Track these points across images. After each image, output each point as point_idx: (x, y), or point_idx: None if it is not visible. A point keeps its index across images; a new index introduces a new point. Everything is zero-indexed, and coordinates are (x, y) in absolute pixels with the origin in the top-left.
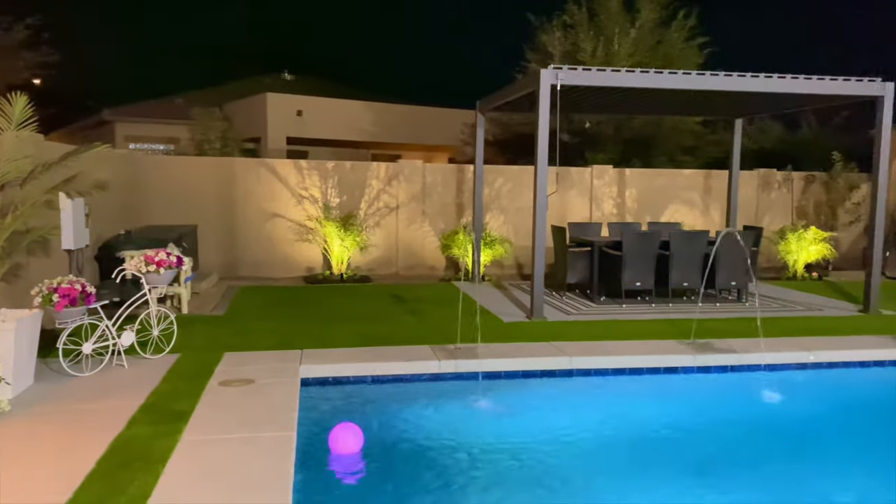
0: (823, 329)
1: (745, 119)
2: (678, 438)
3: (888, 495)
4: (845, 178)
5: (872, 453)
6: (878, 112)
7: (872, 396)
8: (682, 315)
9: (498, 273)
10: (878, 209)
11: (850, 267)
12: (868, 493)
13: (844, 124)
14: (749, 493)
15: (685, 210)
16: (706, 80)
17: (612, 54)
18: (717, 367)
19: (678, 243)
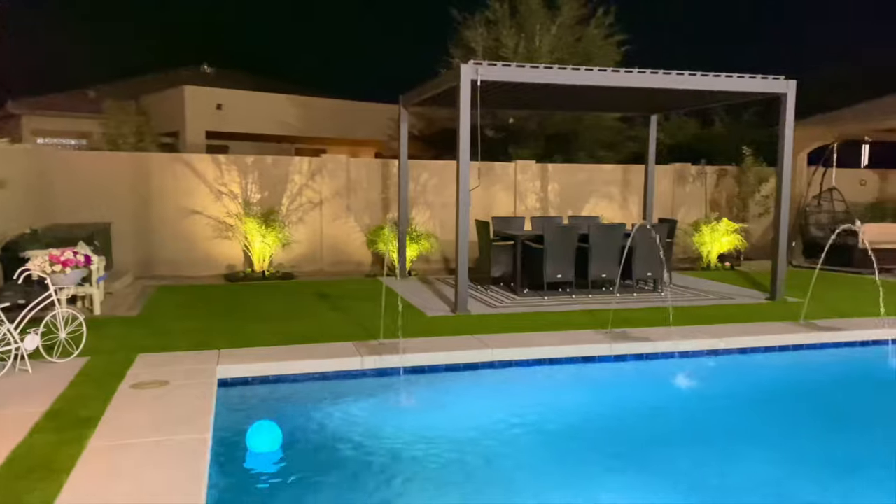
0: (733, 316)
1: (661, 115)
2: (595, 425)
3: (791, 469)
4: (755, 172)
5: (777, 432)
6: (783, 108)
7: (777, 379)
8: (601, 306)
9: (424, 268)
10: (783, 201)
11: (760, 256)
12: (775, 469)
13: (754, 120)
14: (662, 475)
15: (605, 204)
16: (621, 76)
17: (533, 51)
18: (632, 356)
19: (597, 236)
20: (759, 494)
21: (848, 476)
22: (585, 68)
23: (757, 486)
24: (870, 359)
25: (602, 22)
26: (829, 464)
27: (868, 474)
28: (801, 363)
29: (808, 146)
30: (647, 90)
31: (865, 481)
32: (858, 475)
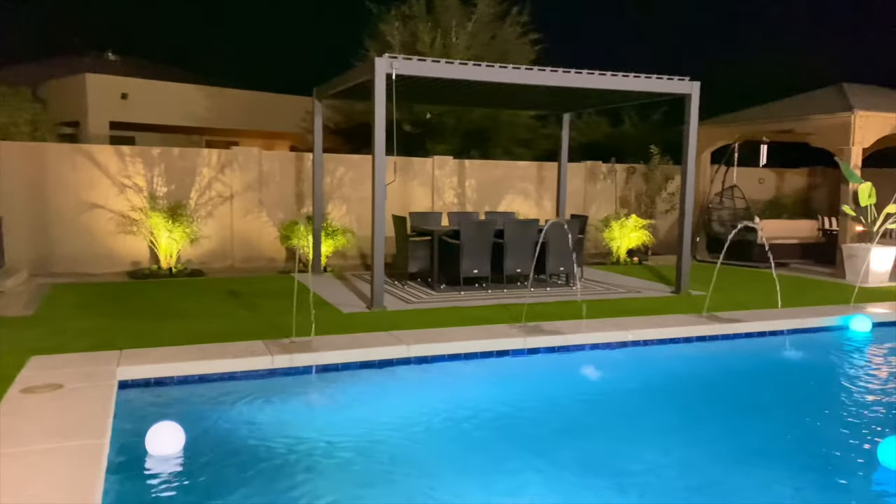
0: (641, 309)
1: (573, 114)
2: (509, 418)
3: (695, 453)
4: (662, 170)
5: (682, 420)
6: (687, 109)
7: (682, 369)
8: (516, 300)
9: (341, 264)
10: (687, 198)
11: (666, 251)
12: (683, 453)
13: (662, 120)
14: (573, 465)
15: (521, 200)
16: (534, 74)
17: (450, 46)
18: (545, 349)
19: (512, 232)
20: (665, 479)
21: (750, 459)
22: (500, 65)
23: (663, 472)
24: (767, 348)
25: (517, 20)
26: (732, 448)
27: (768, 457)
28: (704, 354)
29: (711, 146)
30: (559, 89)
31: (766, 464)
32: (759, 458)
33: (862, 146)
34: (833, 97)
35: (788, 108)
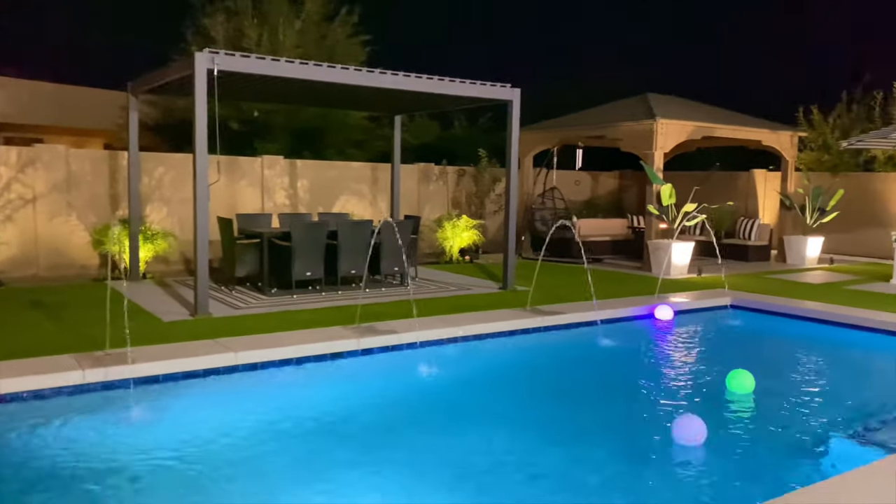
0: (471, 306)
1: (405, 116)
2: (342, 421)
3: (525, 440)
4: (490, 173)
5: (511, 409)
6: (509, 114)
7: (508, 361)
8: (350, 301)
9: (162, 269)
10: (512, 199)
11: (495, 250)
12: (512, 443)
13: (489, 124)
14: (410, 462)
15: (355, 201)
16: (361, 75)
17: (277, 44)
18: (379, 349)
19: (345, 233)
20: (500, 469)
21: (572, 441)
22: (328, 65)
23: (500, 459)
24: (584, 337)
25: (347, 21)
26: (557, 432)
27: (589, 439)
28: (528, 345)
29: (533, 150)
30: (388, 91)
31: (589, 445)
32: (582, 440)
33: (664, 151)
34: (638, 106)
35: (600, 115)
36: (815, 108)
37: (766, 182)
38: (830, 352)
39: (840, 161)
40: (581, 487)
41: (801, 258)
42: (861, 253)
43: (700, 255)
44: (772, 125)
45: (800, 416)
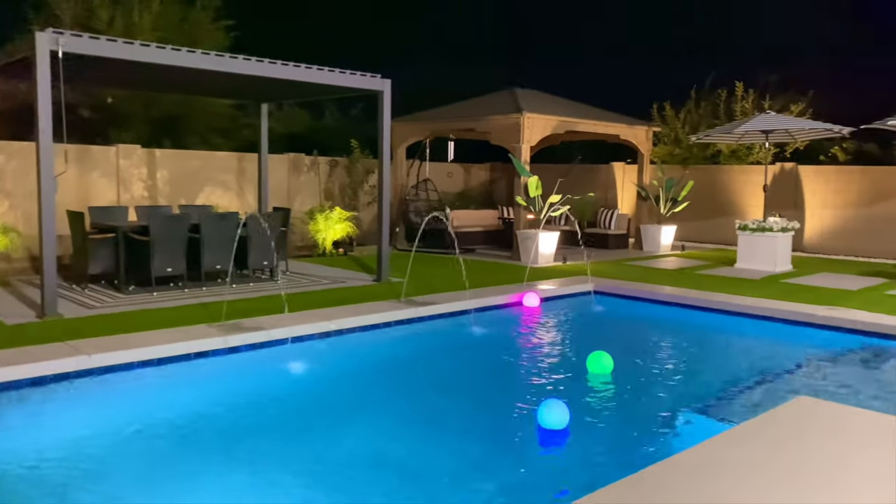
0: (344, 299)
1: (273, 104)
2: (207, 423)
3: (399, 431)
4: (363, 164)
5: (387, 400)
6: (381, 105)
7: (384, 353)
8: (216, 298)
9: (4, 268)
10: (385, 191)
11: (370, 242)
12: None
13: (361, 115)
14: (278, 463)
15: (221, 192)
16: (222, 61)
17: (132, 26)
18: (246, 346)
19: (209, 226)
20: (363, 462)
21: (448, 429)
22: (187, 49)
23: (376, 451)
24: (458, 326)
25: (209, 4)
26: (434, 421)
27: (459, 426)
28: (403, 336)
29: (406, 141)
30: (252, 78)
31: (459, 432)
32: (453, 427)
33: (530, 144)
34: (506, 100)
35: (471, 108)
36: (667, 105)
37: (625, 174)
38: (682, 332)
39: (690, 154)
40: (452, 472)
41: (656, 245)
42: (709, 240)
43: (565, 243)
44: (628, 120)
45: (654, 393)
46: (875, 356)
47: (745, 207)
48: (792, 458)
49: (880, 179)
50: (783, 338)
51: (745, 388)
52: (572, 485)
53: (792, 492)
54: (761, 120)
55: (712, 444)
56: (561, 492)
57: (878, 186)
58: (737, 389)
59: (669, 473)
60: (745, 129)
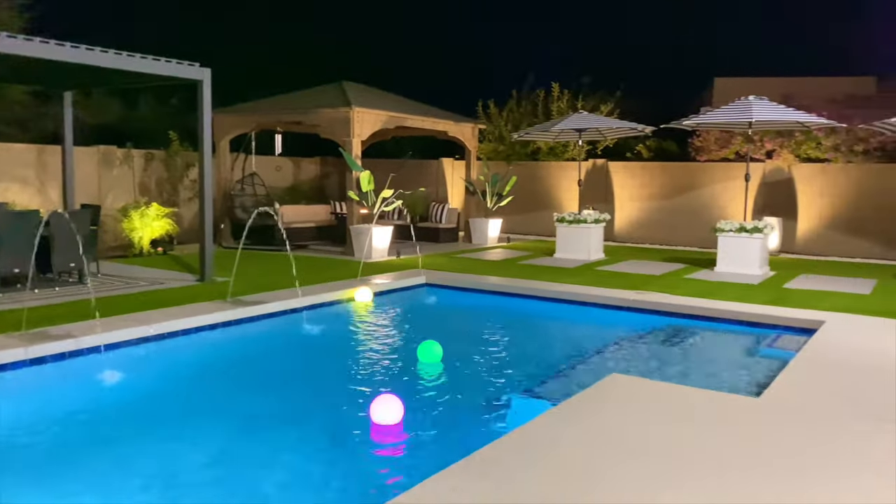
0: (165, 301)
1: (78, 92)
2: (11, 444)
3: (233, 435)
4: (183, 157)
5: (214, 405)
6: (200, 95)
7: (210, 356)
8: (15, 305)
9: None
10: (206, 185)
11: (192, 240)
12: (216, 439)
13: (180, 105)
14: (82, 484)
15: (18, 188)
16: (15, 44)
17: None
18: (53, 356)
19: (4, 226)
20: (190, 471)
21: (278, 431)
22: None
23: (186, 463)
24: (289, 325)
25: None
26: (263, 425)
27: (290, 427)
28: (231, 338)
29: (229, 133)
30: (54, 63)
31: (289, 433)
32: (284, 429)
33: (361, 138)
34: (335, 93)
35: (299, 101)
36: (492, 103)
37: (454, 170)
38: (508, 319)
39: (513, 151)
40: (284, 474)
41: (484, 238)
42: (532, 232)
43: (398, 238)
44: (456, 117)
45: (484, 378)
46: (676, 334)
47: (562, 201)
48: (609, 431)
49: (678, 174)
50: (598, 321)
51: (567, 369)
52: (407, 474)
53: (610, 462)
54: (575, 119)
55: (538, 422)
56: (390, 484)
57: (677, 181)
58: (559, 371)
59: (499, 454)
60: (561, 127)
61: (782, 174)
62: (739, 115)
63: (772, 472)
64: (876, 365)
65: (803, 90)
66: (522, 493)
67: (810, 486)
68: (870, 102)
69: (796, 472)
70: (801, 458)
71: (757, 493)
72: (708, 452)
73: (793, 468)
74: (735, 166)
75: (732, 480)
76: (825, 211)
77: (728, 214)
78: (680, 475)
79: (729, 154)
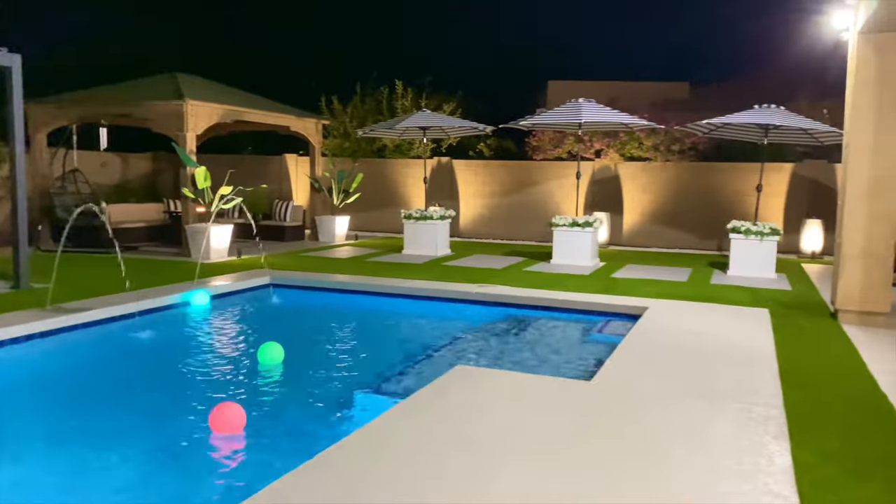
0: None
1: None
2: None
3: (38, 455)
4: None
5: (24, 428)
6: (9, 83)
7: (26, 370)
8: None
9: None
10: (19, 183)
11: (4, 243)
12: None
13: None
14: None
15: None
16: None
17: None
18: None
19: None
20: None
21: (109, 447)
22: None
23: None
24: (118, 333)
25: None
26: (90, 441)
27: (120, 443)
28: (50, 349)
29: (47, 126)
30: None
31: (118, 450)
32: (113, 445)
33: (195, 133)
34: (168, 85)
35: (128, 92)
36: (335, 99)
37: (298, 166)
38: (356, 317)
39: (358, 148)
40: (117, 495)
41: (331, 236)
42: (380, 229)
43: (240, 237)
44: (298, 112)
45: (330, 378)
46: (518, 324)
47: (409, 198)
48: (453, 421)
49: (517, 172)
50: (445, 315)
51: (415, 364)
52: (251, 482)
53: (453, 451)
54: (419, 117)
55: (384, 418)
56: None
57: (515, 178)
58: (406, 366)
59: (344, 453)
60: (406, 125)
61: (609, 172)
62: (570, 116)
63: (604, 451)
64: (694, 346)
65: (627, 93)
66: (368, 489)
67: (641, 463)
68: (684, 105)
69: (628, 450)
70: (631, 436)
71: (589, 473)
72: (546, 436)
73: (624, 447)
74: (568, 165)
75: (566, 462)
76: (647, 206)
77: (563, 210)
78: (516, 460)
79: (562, 153)
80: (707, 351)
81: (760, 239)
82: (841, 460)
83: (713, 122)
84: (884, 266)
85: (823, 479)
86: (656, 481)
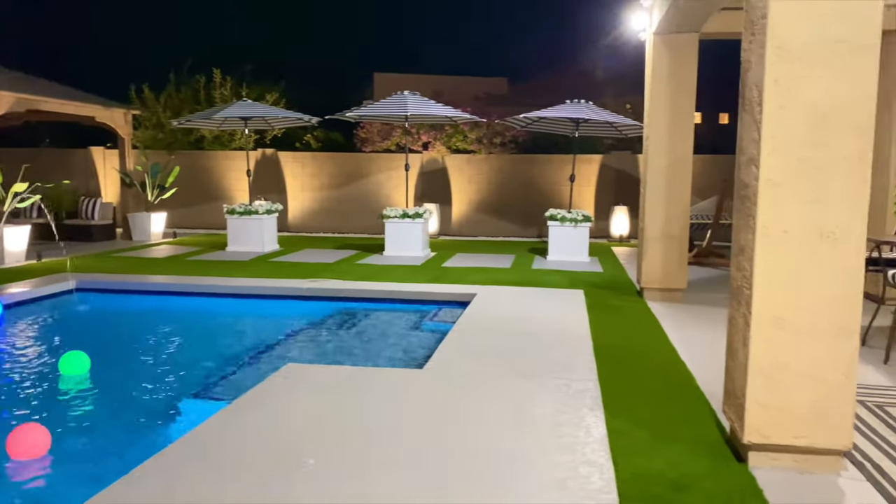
0: None
1: None
2: None
3: None
4: None
5: None
6: None
7: None
8: None
9: None
10: None
11: None
12: None
13: None
14: None
15: None
16: None
17: None
18: None
19: None
20: None
21: None
22: None
23: None
24: None
25: None
26: None
27: None
28: None
29: None
30: None
31: None
32: None
33: None
34: None
35: None
36: (146, 88)
37: (106, 160)
38: (175, 320)
39: (174, 139)
40: None
41: (146, 234)
42: (201, 225)
43: (39, 238)
44: (104, 102)
45: (144, 387)
46: (350, 317)
47: (232, 192)
48: (283, 420)
49: (346, 164)
50: (275, 312)
51: (241, 365)
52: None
53: (287, 452)
54: (239, 107)
55: (208, 424)
56: None
57: (344, 170)
58: (232, 368)
59: (164, 462)
60: (225, 115)
61: (437, 164)
62: (396, 108)
63: (439, 436)
64: (518, 329)
65: (450, 87)
66: (192, 498)
67: (473, 444)
68: (504, 100)
69: (461, 433)
70: (464, 420)
71: (424, 458)
72: (378, 427)
73: (458, 431)
74: (397, 157)
75: (398, 450)
76: (474, 196)
77: (393, 202)
78: (350, 456)
79: (391, 145)
80: (529, 332)
81: (575, 225)
82: (650, 426)
83: (529, 115)
84: (680, 246)
85: (634, 444)
86: (485, 460)
